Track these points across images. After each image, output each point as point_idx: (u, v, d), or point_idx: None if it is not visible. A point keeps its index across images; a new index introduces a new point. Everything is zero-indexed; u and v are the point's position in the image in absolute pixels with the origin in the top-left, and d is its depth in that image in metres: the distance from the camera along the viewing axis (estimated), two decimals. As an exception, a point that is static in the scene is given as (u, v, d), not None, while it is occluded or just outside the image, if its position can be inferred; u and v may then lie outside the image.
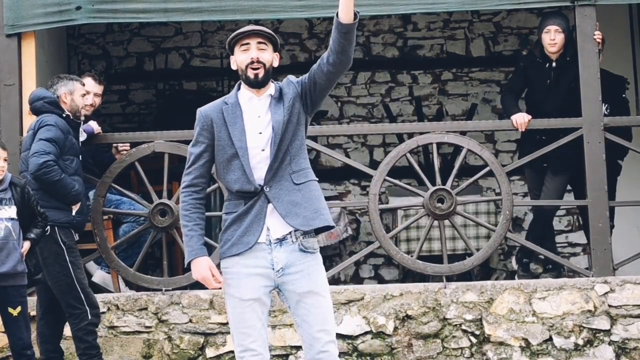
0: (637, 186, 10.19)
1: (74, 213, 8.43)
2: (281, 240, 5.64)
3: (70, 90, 8.67)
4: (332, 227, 5.90)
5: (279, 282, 5.67)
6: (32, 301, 8.51)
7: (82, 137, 8.88)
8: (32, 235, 7.88)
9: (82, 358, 8.35)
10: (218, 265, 5.88)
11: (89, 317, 8.25)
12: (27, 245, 7.87)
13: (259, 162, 5.66)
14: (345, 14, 5.58)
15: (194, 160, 5.76)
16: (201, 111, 5.81)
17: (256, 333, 5.64)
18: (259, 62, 5.71)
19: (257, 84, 5.71)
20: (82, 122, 9.37)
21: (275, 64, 5.83)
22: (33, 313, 8.57)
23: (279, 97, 5.78)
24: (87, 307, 8.25)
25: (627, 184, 10.18)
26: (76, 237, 8.55)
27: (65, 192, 8.29)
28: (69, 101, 8.64)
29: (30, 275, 7.97)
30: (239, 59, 5.77)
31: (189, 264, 5.75)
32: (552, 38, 9.65)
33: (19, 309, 7.89)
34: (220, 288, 5.81)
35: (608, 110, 9.52)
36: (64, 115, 8.48)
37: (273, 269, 5.62)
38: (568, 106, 9.55)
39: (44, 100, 8.48)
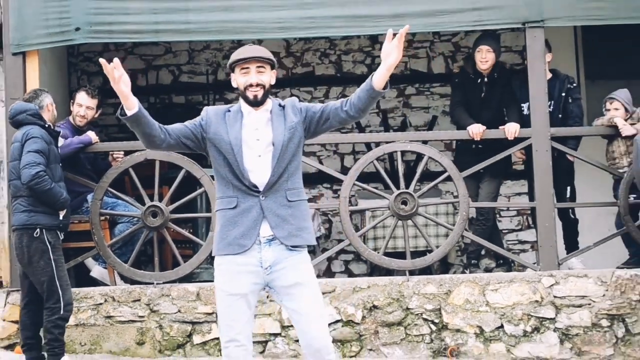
0: (593, 188, 10.20)
1: (61, 217, 8.41)
2: (270, 240, 5.62)
3: (52, 102, 8.70)
4: (313, 245, 5.91)
5: (268, 280, 5.63)
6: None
7: (60, 142, 8.83)
8: None
9: (45, 348, 8.33)
10: (212, 260, 5.91)
11: (61, 312, 8.23)
12: None
13: (254, 166, 5.61)
14: (381, 82, 5.61)
15: (177, 125, 5.77)
16: (207, 109, 5.82)
17: (241, 326, 5.61)
18: (257, 85, 5.67)
19: (255, 104, 5.68)
20: (82, 132, 9.48)
21: (273, 82, 5.80)
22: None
23: (279, 113, 5.74)
24: (61, 303, 8.22)
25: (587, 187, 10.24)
26: (61, 237, 8.54)
27: (55, 200, 8.27)
28: (52, 110, 8.67)
29: None
30: (239, 80, 5.72)
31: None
32: (484, 57, 9.79)
33: None
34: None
35: (551, 108, 9.59)
36: (46, 125, 8.44)
37: (262, 266, 5.59)
38: (500, 117, 9.70)
39: (26, 113, 8.41)
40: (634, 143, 8.85)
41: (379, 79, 5.61)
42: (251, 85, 5.66)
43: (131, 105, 5.57)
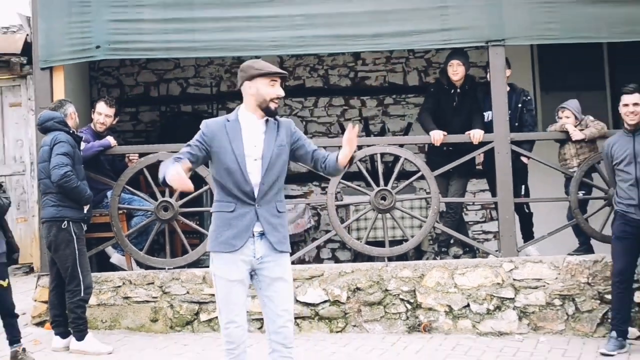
0: (547, 185, 10.17)
1: (85, 211, 8.46)
2: (261, 234, 5.58)
3: (75, 110, 8.71)
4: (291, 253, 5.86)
5: (256, 268, 5.59)
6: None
7: (83, 146, 8.83)
8: None
9: (71, 325, 8.34)
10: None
11: (81, 294, 8.26)
12: None
13: (252, 169, 5.57)
14: (343, 162, 5.69)
15: (186, 151, 5.57)
16: (207, 123, 5.67)
17: (238, 308, 5.55)
18: (279, 98, 5.70)
19: (272, 114, 5.66)
20: (101, 137, 9.50)
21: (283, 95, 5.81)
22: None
23: (273, 127, 5.70)
24: (82, 287, 8.26)
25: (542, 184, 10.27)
26: (85, 229, 8.57)
27: (80, 196, 8.31)
28: (75, 118, 8.66)
29: (8, 255, 7.94)
30: (267, 90, 5.63)
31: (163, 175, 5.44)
32: (455, 70, 9.75)
33: (7, 281, 7.85)
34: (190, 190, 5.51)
35: (490, 119, 9.61)
36: (70, 131, 8.46)
37: (254, 257, 5.56)
38: (469, 123, 9.64)
39: (54, 120, 8.42)
40: (603, 146, 8.85)
41: (342, 160, 5.70)
42: (277, 98, 5.66)
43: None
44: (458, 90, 9.94)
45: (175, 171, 5.29)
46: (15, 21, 13.62)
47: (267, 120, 5.71)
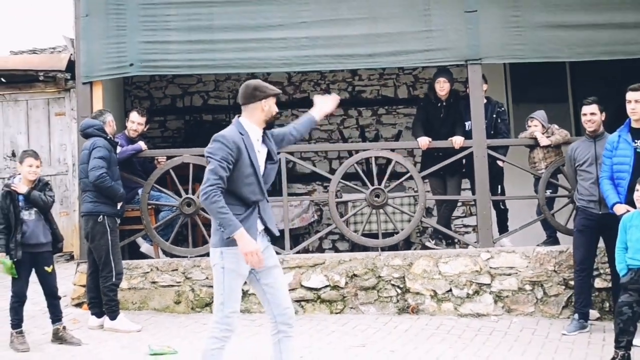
0: (519, 185, 10.18)
1: (118, 207, 8.43)
2: (262, 232, 5.49)
3: (112, 119, 8.70)
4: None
5: None
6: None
7: (118, 150, 8.82)
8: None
9: (104, 307, 8.32)
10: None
11: (113, 280, 8.25)
12: None
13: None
14: (320, 118, 6.01)
15: (224, 175, 5.21)
16: (228, 138, 5.32)
17: (239, 299, 5.44)
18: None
19: (271, 127, 5.65)
20: (134, 142, 9.43)
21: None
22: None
23: (267, 136, 5.60)
24: (114, 273, 8.23)
25: (514, 184, 10.22)
26: (118, 222, 8.52)
27: (114, 194, 8.30)
28: (112, 125, 8.65)
29: (53, 244, 7.88)
30: (274, 108, 5.56)
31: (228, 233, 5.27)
32: (441, 86, 9.81)
33: (52, 267, 7.81)
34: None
35: (485, 126, 9.54)
36: (107, 137, 8.42)
37: None
38: (453, 132, 9.61)
39: (93, 127, 8.41)
40: (567, 151, 8.80)
41: (319, 116, 6.07)
42: (277, 114, 5.63)
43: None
44: (444, 103, 9.93)
45: (253, 241, 5.28)
46: (61, 42, 13.93)
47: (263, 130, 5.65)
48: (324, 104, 6.12)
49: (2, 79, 12.69)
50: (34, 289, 7.87)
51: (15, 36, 31.07)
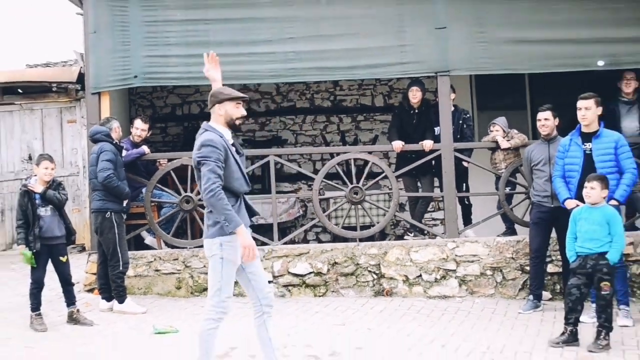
0: (482, 183, 10.19)
1: (124, 205, 8.50)
2: (249, 224, 5.48)
3: (119, 125, 8.72)
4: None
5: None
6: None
7: (123, 153, 8.84)
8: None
9: (113, 292, 8.38)
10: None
11: (120, 268, 8.32)
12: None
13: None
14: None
15: (221, 173, 5.21)
16: (216, 141, 5.27)
17: (233, 285, 5.40)
18: (242, 117, 5.52)
19: (237, 130, 5.54)
20: (138, 146, 9.48)
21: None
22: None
23: (233, 137, 5.56)
24: (121, 262, 8.31)
25: (478, 182, 10.26)
26: (124, 218, 8.58)
27: (120, 193, 8.35)
28: (118, 131, 8.66)
29: (67, 237, 7.97)
30: (232, 111, 5.45)
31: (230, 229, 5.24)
32: (414, 95, 9.79)
33: (66, 257, 7.91)
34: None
35: (438, 133, 9.58)
36: (113, 142, 8.48)
37: None
38: (424, 136, 9.64)
39: (101, 133, 8.45)
40: (523, 153, 8.88)
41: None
42: (241, 117, 5.49)
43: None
44: (416, 111, 9.92)
45: (250, 237, 5.30)
46: (72, 56, 13.74)
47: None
48: (212, 80, 5.83)
49: (19, 90, 12.66)
50: (51, 277, 7.92)
51: (30, 51, 30.99)
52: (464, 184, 10.04)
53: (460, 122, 9.91)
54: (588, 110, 7.66)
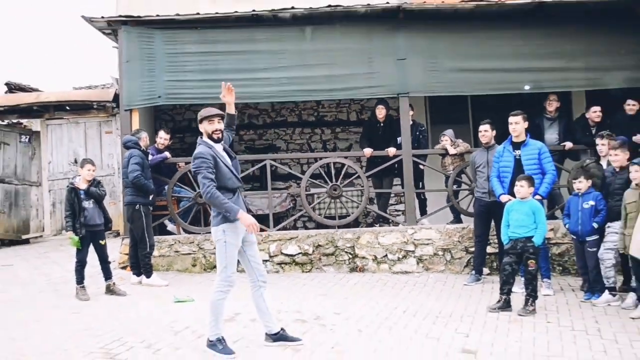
0: (434, 182, 10.20)
1: (150, 199, 8.41)
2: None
3: (146, 135, 8.66)
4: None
5: (243, 236, 5.37)
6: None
7: (150, 158, 8.76)
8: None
9: (142, 269, 8.32)
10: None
11: (147, 250, 8.25)
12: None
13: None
14: (230, 111, 5.81)
15: (212, 177, 5.17)
16: (204, 154, 5.24)
17: (236, 263, 5.35)
18: (220, 131, 5.39)
19: (218, 142, 5.38)
20: (161, 152, 9.41)
21: (222, 127, 5.47)
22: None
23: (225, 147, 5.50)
24: (148, 245, 8.24)
25: (432, 181, 10.26)
26: (151, 209, 8.49)
27: (147, 190, 8.26)
28: (145, 140, 8.61)
29: (105, 225, 7.90)
30: (207, 127, 5.36)
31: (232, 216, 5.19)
32: (380, 112, 9.81)
33: (104, 241, 7.85)
34: (260, 231, 5.33)
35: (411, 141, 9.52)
36: (141, 149, 8.42)
37: (244, 229, 5.30)
38: (389, 145, 9.63)
39: (131, 142, 8.40)
40: (469, 158, 8.86)
41: (231, 110, 5.83)
42: (216, 131, 5.37)
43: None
44: (382, 124, 9.92)
45: (250, 216, 5.21)
46: (109, 80, 13.77)
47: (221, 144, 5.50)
48: (227, 103, 5.81)
49: (67, 107, 12.63)
50: (92, 257, 7.86)
51: (76, 76, 30.91)
52: (421, 183, 10.03)
53: (417, 133, 9.89)
54: (517, 125, 7.67)
